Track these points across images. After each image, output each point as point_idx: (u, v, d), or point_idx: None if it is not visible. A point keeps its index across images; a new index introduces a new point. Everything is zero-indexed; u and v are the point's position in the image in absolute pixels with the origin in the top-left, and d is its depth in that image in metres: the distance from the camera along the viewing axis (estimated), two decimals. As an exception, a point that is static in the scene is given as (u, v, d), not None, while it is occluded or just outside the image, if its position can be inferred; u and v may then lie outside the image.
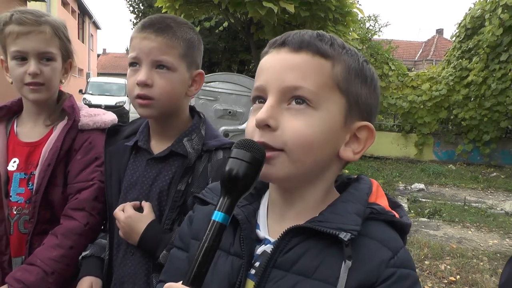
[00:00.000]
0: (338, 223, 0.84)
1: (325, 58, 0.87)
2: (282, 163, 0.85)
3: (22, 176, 1.62)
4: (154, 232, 1.38)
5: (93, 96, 19.12)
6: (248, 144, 0.81)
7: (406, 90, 13.25)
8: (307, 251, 0.86)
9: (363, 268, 0.83)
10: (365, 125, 0.91)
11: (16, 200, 1.62)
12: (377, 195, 0.96)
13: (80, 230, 1.55)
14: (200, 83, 1.55)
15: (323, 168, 0.91)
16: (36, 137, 1.67)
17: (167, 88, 1.42)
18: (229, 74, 7.94)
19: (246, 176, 0.80)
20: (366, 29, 22.54)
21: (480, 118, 12.31)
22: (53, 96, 1.70)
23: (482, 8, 12.58)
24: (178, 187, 1.41)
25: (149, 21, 1.44)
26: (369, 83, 0.93)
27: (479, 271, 4.79)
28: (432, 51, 32.17)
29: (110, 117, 1.75)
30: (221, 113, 7.10)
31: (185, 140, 1.45)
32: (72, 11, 28.76)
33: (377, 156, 13.19)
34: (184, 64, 1.46)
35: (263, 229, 0.95)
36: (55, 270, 1.50)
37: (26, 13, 1.58)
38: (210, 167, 1.43)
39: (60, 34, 1.64)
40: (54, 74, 1.63)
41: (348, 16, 10.33)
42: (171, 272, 1.07)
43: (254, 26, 10.58)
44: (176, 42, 1.43)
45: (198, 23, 15.92)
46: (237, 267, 0.90)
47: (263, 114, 0.85)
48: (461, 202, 8.26)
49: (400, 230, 0.92)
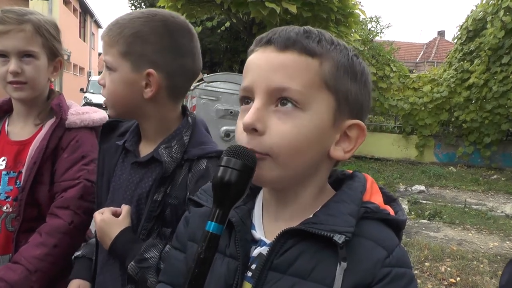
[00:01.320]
0: (332, 224, 0.84)
1: (312, 56, 0.84)
2: (269, 166, 0.83)
3: (11, 175, 1.62)
4: (124, 240, 1.31)
5: (94, 94, 19.09)
6: (239, 151, 0.80)
7: (407, 92, 13.25)
8: (302, 253, 0.85)
9: (358, 269, 0.82)
10: (355, 123, 0.89)
11: (4, 199, 1.61)
12: (371, 192, 0.95)
13: (65, 229, 1.53)
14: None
15: (313, 168, 0.90)
16: (26, 136, 1.66)
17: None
18: (231, 74, 7.95)
19: (237, 184, 0.78)
20: (368, 30, 22.54)
21: (481, 121, 12.30)
22: (42, 95, 1.69)
23: (484, 10, 12.58)
24: (154, 197, 1.32)
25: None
26: (359, 79, 0.90)
27: (479, 273, 4.78)
28: (434, 53, 32.19)
29: (99, 115, 1.72)
30: (222, 113, 7.11)
31: (162, 147, 1.33)
32: (74, 9, 28.76)
33: (377, 157, 13.19)
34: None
35: (258, 230, 0.94)
36: (38, 268, 1.48)
37: (9, 12, 1.57)
38: (190, 177, 1.32)
39: (43, 32, 1.61)
40: (37, 72, 1.61)
41: (350, 17, 10.33)
42: (169, 273, 1.06)
43: (256, 26, 10.58)
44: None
45: (200, 23, 15.90)
46: (233, 269, 0.89)
47: (250, 118, 0.82)
48: (462, 204, 8.25)
49: (395, 227, 0.91)
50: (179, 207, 1.31)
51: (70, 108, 1.71)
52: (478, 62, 12.42)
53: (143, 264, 1.25)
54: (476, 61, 12.51)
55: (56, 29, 1.69)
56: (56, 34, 1.67)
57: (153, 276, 1.24)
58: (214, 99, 7.10)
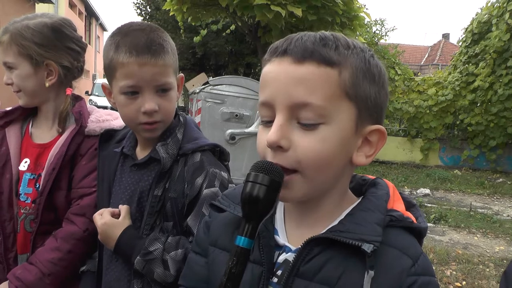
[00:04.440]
0: (360, 233, 0.84)
1: (331, 66, 0.83)
2: (298, 185, 0.84)
3: (31, 177, 1.65)
4: (128, 238, 1.37)
5: (99, 97, 19.18)
6: (266, 166, 0.81)
7: (412, 95, 13.22)
8: (329, 260, 0.86)
9: (385, 277, 0.83)
10: (376, 129, 0.89)
11: (23, 200, 1.64)
12: (394, 199, 0.96)
13: (79, 236, 1.57)
14: (181, 86, 1.53)
15: (337, 178, 0.90)
16: (47, 139, 1.69)
17: (170, 109, 1.43)
18: (236, 77, 7.95)
19: (266, 199, 0.79)
20: (372, 33, 22.53)
21: (486, 124, 12.26)
22: (49, 101, 1.69)
23: (489, 13, 12.56)
24: (155, 193, 1.39)
25: (137, 42, 1.34)
26: (377, 80, 0.90)
27: (485, 277, 4.77)
28: (438, 55, 32.08)
29: (118, 123, 1.71)
30: (227, 116, 7.11)
31: (158, 145, 1.42)
32: (79, 13, 28.93)
33: (382, 160, 13.16)
34: (175, 76, 1.45)
35: (281, 235, 0.95)
36: (51, 272, 1.53)
37: (7, 24, 1.61)
38: (187, 170, 1.40)
39: (18, 39, 1.57)
40: (22, 81, 1.61)
41: (355, 20, 10.30)
42: (189, 277, 1.07)
43: (261, 30, 10.58)
44: (170, 59, 1.40)
45: (205, 26, 15.93)
46: (258, 274, 0.90)
47: (274, 136, 0.82)
48: (467, 208, 8.23)
49: (418, 234, 0.93)
50: (178, 200, 1.39)
51: (90, 114, 1.72)
52: (483, 65, 12.38)
53: (148, 257, 1.32)
54: (481, 64, 12.47)
55: (48, 32, 1.62)
56: (42, 39, 1.60)
57: (159, 267, 1.31)
58: (219, 102, 7.11)
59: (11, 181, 1.63)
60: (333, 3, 9.14)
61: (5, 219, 1.63)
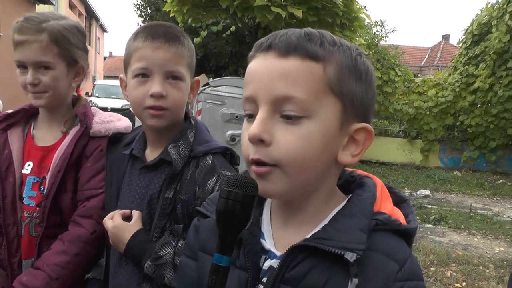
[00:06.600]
0: (343, 241, 0.82)
1: (316, 60, 0.81)
2: (277, 178, 0.82)
3: (35, 180, 1.63)
4: (138, 241, 1.36)
5: (100, 98, 19.14)
6: (238, 181, 0.80)
7: (412, 96, 13.23)
8: (313, 267, 0.84)
9: (370, 284, 0.81)
10: (362, 127, 0.87)
11: (27, 204, 1.62)
12: (381, 199, 0.93)
13: (87, 238, 1.55)
14: (197, 90, 1.54)
15: (321, 176, 0.88)
16: (50, 141, 1.67)
17: (179, 98, 1.43)
18: (237, 78, 7.95)
19: (240, 214, 0.79)
20: (373, 34, 22.51)
21: (486, 125, 12.26)
22: (65, 101, 1.69)
23: (489, 14, 12.56)
24: (165, 195, 1.39)
25: (155, 30, 1.40)
26: (364, 78, 0.87)
27: (485, 278, 4.77)
28: (438, 57, 32.10)
29: (123, 124, 1.72)
30: (228, 117, 7.10)
31: (170, 147, 1.42)
32: (80, 14, 28.92)
33: (382, 161, 13.17)
34: (190, 73, 1.47)
35: (267, 238, 0.93)
36: (59, 276, 1.50)
37: (28, 21, 1.55)
38: (198, 173, 1.40)
39: (60, 40, 1.58)
40: (55, 81, 1.59)
41: (356, 21, 10.32)
42: (182, 280, 1.07)
43: (262, 31, 10.59)
44: (185, 52, 1.43)
45: (206, 27, 15.94)
46: (244, 280, 0.89)
47: (256, 129, 0.81)
48: (467, 209, 8.23)
49: (407, 235, 0.91)
50: (189, 202, 1.38)
51: (94, 116, 1.71)
52: (483, 66, 12.39)
53: (159, 261, 1.31)
54: (481, 65, 12.47)
55: (78, 34, 1.67)
56: (76, 40, 1.65)
57: (170, 272, 1.30)
58: (219, 103, 7.10)
59: (14, 184, 1.60)
60: (333, 4, 9.16)
61: (8, 223, 1.59)
